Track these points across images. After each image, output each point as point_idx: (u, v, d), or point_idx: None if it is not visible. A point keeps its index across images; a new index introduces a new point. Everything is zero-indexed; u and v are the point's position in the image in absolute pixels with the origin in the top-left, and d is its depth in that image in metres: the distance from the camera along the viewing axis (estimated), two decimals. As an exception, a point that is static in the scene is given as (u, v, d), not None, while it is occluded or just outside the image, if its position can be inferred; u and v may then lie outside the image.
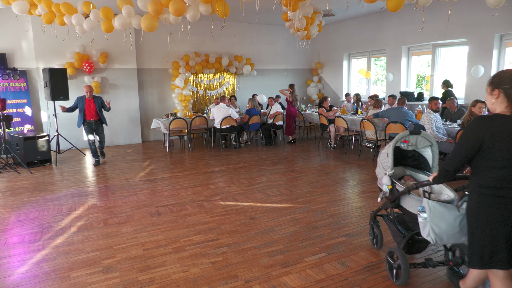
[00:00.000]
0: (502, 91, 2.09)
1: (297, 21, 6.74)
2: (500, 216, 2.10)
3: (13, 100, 8.32)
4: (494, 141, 2.06)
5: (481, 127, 2.10)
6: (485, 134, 2.07)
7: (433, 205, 2.54)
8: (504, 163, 2.05)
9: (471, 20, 7.71)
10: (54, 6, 6.11)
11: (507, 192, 2.07)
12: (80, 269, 3.24)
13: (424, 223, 2.57)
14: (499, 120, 2.08)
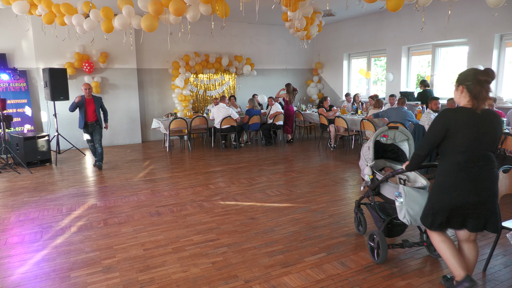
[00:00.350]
0: (465, 87, 2.44)
1: (297, 21, 6.74)
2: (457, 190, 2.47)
3: (13, 100, 8.32)
4: (457, 130, 2.42)
5: (446, 117, 2.46)
6: (450, 124, 2.43)
7: (408, 191, 2.93)
8: (464, 148, 2.43)
9: (471, 20, 7.71)
10: (54, 6, 6.11)
11: (466, 173, 2.45)
12: (80, 269, 3.24)
13: (400, 207, 2.94)
14: (462, 112, 2.44)
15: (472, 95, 2.41)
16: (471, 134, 2.40)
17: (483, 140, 2.42)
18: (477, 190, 2.44)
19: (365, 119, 7.36)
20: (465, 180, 2.45)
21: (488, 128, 2.43)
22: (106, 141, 9.58)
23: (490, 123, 2.44)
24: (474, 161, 2.44)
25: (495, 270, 3.10)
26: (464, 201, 2.46)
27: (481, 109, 2.42)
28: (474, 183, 2.44)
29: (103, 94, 9.39)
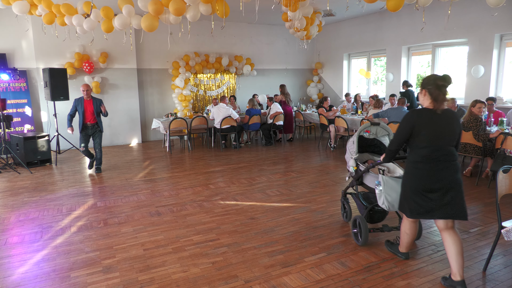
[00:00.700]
0: (427, 90, 2.80)
1: (297, 21, 6.74)
2: (422, 181, 2.83)
3: (13, 100, 8.32)
4: (420, 128, 2.80)
5: (412, 118, 2.84)
6: (415, 123, 2.81)
7: (386, 179, 3.27)
8: (428, 143, 2.79)
9: (471, 20, 7.71)
10: (54, 6, 6.11)
11: (429, 164, 2.81)
12: (80, 269, 3.24)
13: (380, 194, 3.28)
14: (425, 112, 2.82)
15: (433, 98, 2.79)
16: (433, 131, 2.78)
17: (443, 136, 2.79)
18: (440, 179, 2.79)
19: (365, 119, 7.36)
20: (430, 170, 2.81)
21: (447, 126, 2.80)
22: (106, 141, 9.59)
23: (449, 121, 2.81)
24: (437, 154, 2.80)
25: (495, 270, 3.10)
26: (429, 188, 2.81)
27: (440, 110, 2.80)
28: (437, 173, 2.80)
29: (103, 94, 9.39)
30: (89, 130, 6.57)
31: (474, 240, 3.68)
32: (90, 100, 6.50)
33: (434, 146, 2.80)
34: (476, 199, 4.92)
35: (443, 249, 3.50)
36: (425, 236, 3.78)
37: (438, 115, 2.80)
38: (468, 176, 6.02)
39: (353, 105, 9.78)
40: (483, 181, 5.71)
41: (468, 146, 5.73)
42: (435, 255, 3.38)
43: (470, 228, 3.97)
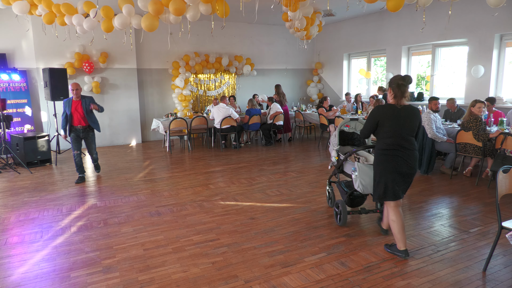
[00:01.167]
0: (391, 88, 3.25)
1: (297, 21, 6.74)
2: (390, 166, 3.24)
3: (13, 100, 8.32)
4: (384, 121, 3.24)
5: (378, 112, 3.29)
6: (380, 117, 3.27)
7: (361, 166, 3.73)
8: (392, 134, 3.23)
9: (471, 20, 7.71)
10: (54, 6, 6.10)
11: (394, 151, 3.23)
12: (80, 269, 3.24)
13: (355, 179, 3.75)
14: (389, 107, 3.26)
15: (394, 95, 3.23)
16: (395, 124, 3.23)
17: (403, 128, 3.23)
18: (401, 165, 3.24)
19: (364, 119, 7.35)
20: (393, 156, 3.25)
21: (407, 119, 3.23)
22: (106, 141, 9.60)
23: (408, 115, 3.24)
24: (399, 143, 3.24)
25: (495, 270, 3.10)
26: (395, 173, 3.25)
27: (401, 105, 3.24)
28: (399, 159, 3.24)
29: (103, 94, 9.39)
30: (80, 133, 5.99)
31: (474, 240, 3.68)
32: (79, 101, 5.90)
33: (396, 136, 3.24)
34: (476, 199, 4.92)
35: (443, 249, 3.50)
36: (425, 236, 3.79)
37: (399, 109, 3.23)
38: (468, 176, 6.02)
39: (353, 105, 9.78)
40: (483, 181, 5.71)
41: (468, 146, 5.73)
42: (435, 255, 3.38)
43: (470, 228, 3.97)
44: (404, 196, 3.80)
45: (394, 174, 3.24)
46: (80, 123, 5.93)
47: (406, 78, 3.23)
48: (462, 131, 5.71)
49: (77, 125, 5.92)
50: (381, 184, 3.31)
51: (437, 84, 9.02)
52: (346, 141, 4.47)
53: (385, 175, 3.27)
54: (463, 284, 2.92)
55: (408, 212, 4.52)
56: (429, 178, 6.04)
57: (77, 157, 6.03)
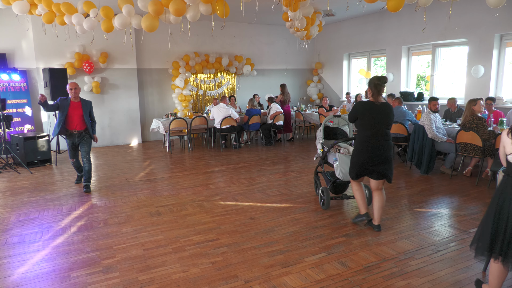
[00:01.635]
0: (370, 88, 3.78)
1: (297, 21, 6.74)
2: (366, 154, 3.79)
3: (13, 100, 8.32)
4: (364, 115, 3.79)
5: (358, 108, 3.84)
6: (359, 112, 3.82)
7: (341, 156, 4.34)
8: (370, 127, 3.76)
9: (471, 20, 7.71)
10: (54, 5, 6.11)
11: (371, 142, 3.75)
12: (80, 269, 3.24)
13: (336, 167, 4.36)
14: (367, 104, 3.79)
15: (372, 93, 3.76)
16: (372, 118, 3.74)
17: (380, 122, 3.74)
18: (377, 154, 3.76)
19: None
20: (371, 147, 3.77)
21: (383, 114, 3.74)
22: (106, 141, 9.60)
23: (385, 111, 3.76)
24: (376, 135, 3.75)
25: (495, 270, 3.10)
26: (370, 159, 3.78)
27: (378, 102, 3.75)
28: (376, 149, 3.76)
29: (103, 94, 9.39)
30: (76, 138, 5.48)
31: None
32: (79, 102, 5.43)
33: (374, 129, 3.75)
34: (476, 199, 4.92)
35: (443, 249, 3.51)
36: (425, 236, 3.79)
37: (376, 106, 3.75)
38: (468, 176, 6.02)
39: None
40: (483, 181, 5.71)
41: (468, 146, 5.72)
42: (435, 255, 3.38)
43: (470, 228, 3.97)
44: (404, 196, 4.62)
45: (368, 161, 3.80)
46: (76, 127, 5.41)
47: (382, 78, 3.75)
48: (462, 131, 5.71)
49: (72, 129, 5.39)
50: (356, 167, 3.91)
51: (437, 84, 9.02)
52: (331, 135, 5.01)
53: (361, 161, 3.84)
54: (463, 284, 2.92)
55: (408, 212, 4.52)
56: (429, 178, 6.04)
57: (74, 163, 5.75)
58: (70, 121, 5.38)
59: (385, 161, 3.78)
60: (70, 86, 5.36)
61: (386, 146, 3.79)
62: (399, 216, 4.36)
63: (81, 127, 5.43)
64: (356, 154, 3.88)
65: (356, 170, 3.89)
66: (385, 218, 4.30)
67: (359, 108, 3.82)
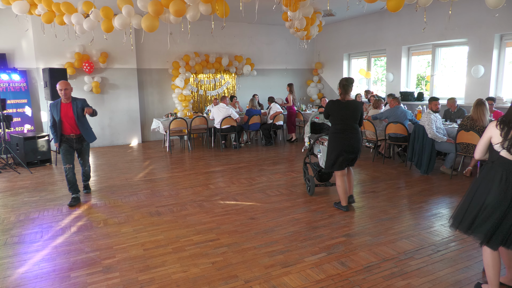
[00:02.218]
0: (339, 87, 4.45)
1: (297, 21, 6.73)
2: (338, 145, 4.39)
3: (13, 100, 8.32)
4: (334, 111, 4.42)
5: (329, 106, 4.46)
6: (330, 109, 4.45)
7: (323, 148, 4.76)
8: (339, 121, 4.39)
9: (471, 20, 7.71)
10: (54, 5, 6.10)
11: (341, 134, 4.37)
12: (80, 269, 3.24)
13: (320, 158, 4.89)
14: (336, 102, 4.43)
15: (341, 93, 4.43)
16: (341, 114, 4.37)
17: (348, 117, 4.38)
18: (347, 145, 4.37)
19: (364, 119, 7.36)
20: (342, 139, 4.38)
21: (350, 110, 4.37)
22: (106, 141, 9.60)
23: (352, 108, 4.38)
24: (345, 129, 4.38)
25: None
26: (341, 150, 4.38)
27: (346, 100, 4.40)
28: (346, 141, 4.37)
29: (103, 94, 9.39)
30: (74, 143, 4.99)
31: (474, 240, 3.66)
32: (69, 103, 4.84)
33: (343, 123, 4.37)
34: (476, 199, 4.92)
35: (443, 249, 3.51)
36: (425, 236, 3.79)
37: (343, 103, 4.39)
38: (468, 176, 6.02)
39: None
40: (483, 181, 5.70)
41: (470, 146, 5.70)
42: (435, 255, 3.38)
43: (470, 228, 3.97)
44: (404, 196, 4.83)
45: (341, 151, 4.37)
46: (73, 131, 4.91)
47: (349, 79, 4.43)
48: (462, 131, 5.71)
49: (69, 134, 4.91)
50: (331, 158, 4.44)
51: (437, 84, 9.02)
52: (317, 130, 5.43)
53: (334, 151, 4.40)
54: (463, 284, 2.92)
55: (408, 212, 4.52)
56: (429, 178, 6.04)
57: (69, 172, 4.97)
58: (65, 126, 4.88)
59: (354, 151, 4.43)
60: (60, 87, 4.70)
61: (355, 139, 4.40)
62: (399, 216, 4.36)
63: (77, 130, 4.93)
64: (329, 145, 4.49)
65: (331, 161, 4.45)
66: (385, 218, 4.30)
67: (329, 106, 4.46)
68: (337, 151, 4.37)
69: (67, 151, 4.99)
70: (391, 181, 5.87)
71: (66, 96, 4.77)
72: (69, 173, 5.00)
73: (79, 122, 4.87)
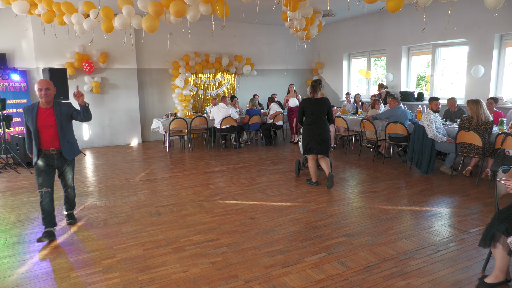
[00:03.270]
0: (309, 87, 5.51)
1: (297, 21, 6.73)
2: (309, 133, 5.42)
3: (13, 100, 8.32)
4: (306, 107, 5.43)
5: (302, 102, 5.49)
6: (304, 105, 5.47)
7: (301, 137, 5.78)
8: (310, 115, 5.42)
9: (471, 20, 7.71)
10: (54, 5, 6.10)
11: (311, 125, 5.40)
12: (80, 269, 3.24)
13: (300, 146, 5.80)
14: (308, 99, 5.48)
15: (310, 92, 5.52)
16: (312, 109, 5.41)
17: (317, 111, 5.41)
18: (316, 134, 5.41)
19: (365, 119, 7.36)
20: (312, 130, 5.42)
21: (318, 105, 5.41)
22: (106, 141, 9.61)
23: (320, 104, 5.41)
24: (315, 121, 5.43)
25: (495, 270, 3.10)
26: (312, 138, 5.43)
27: (315, 98, 5.46)
28: (315, 131, 5.41)
29: (103, 94, 9.39)
30: (54, 161, 3.84)
31: (474, 240, 3.68)
32: (51, 108, 3.73)
33: (313, 116, 5.42)
34: (476, 199, 4.92)
35: (443, 249, 3.51)
36: (425, 236, 3.79)
37: (312, 100, 5.46)
38: (468, 176, 6.02)
39: (353, 105, 9.78)
40: (483, 181, 5.71)
41: (471, 146, 5.70)
42: (435, 255, 3.38)
43: (470, 228, 3.97)
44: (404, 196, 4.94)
45: (311, 139, 5.42)
46: (54, 145, 3.78)
47: (317, 81, 5.55)
48: (463, 131, 5.71)
49: (48, 148, 3.77)
50: (304, 144, 5.53)
51: (437, 84, 9.02)
52: None
53: (307, 139, 5.47)
54: (463, 284, 2.92)
55: (408, 212, 4.52)
56: (429, 178, 6.04)
57: (45, 198, 3.80)
58: (42, 139, 3.75)
59: (323, 140, 5.42)
60: (39, 86, 3.63)
61: (323, 129, 5.43)
62: (399, 216, 4.36)
63: (56, 144, 3.81)
64: (303, 134, 5.57)
65: (304, 147, 5.54)
66: (385, 218, 4.31)
67: (302, 102, 5.51)
68: (308, 139, 5.43)
69: (45, 170, 3.81)
70: (391, 181, 5.87)
71: (47, 98, 3.67)
72: (45, 198, 3.80)
73: (62, 134, 3.78)
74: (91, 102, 9.23)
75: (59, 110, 3.77)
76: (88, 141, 9.41)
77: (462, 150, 5.87)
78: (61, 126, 3.78)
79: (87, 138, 9.40)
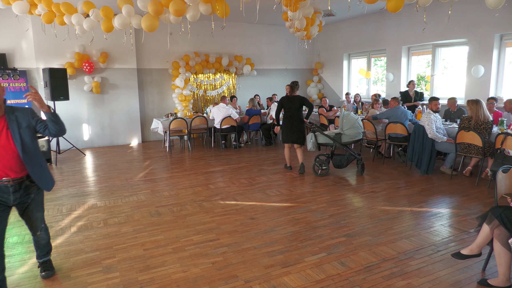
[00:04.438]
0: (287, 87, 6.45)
1: (297, 21, 6.73)
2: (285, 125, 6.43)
3: (13, 100, 8.32)
4: (284, 104, 6.36)
5: (281, 100, 6.39)
6: (283, 102, 6.37)
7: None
8: (287, 110, 6.35)
9: (471, 20, 7.71)
10: (54, 5, 6.11)
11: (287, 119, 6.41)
12: (80, 269, 3.24)
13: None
14: (286, 97, 6.38)
15: (288, 91, 6.33)
16: (288, 105, 6.26)
17: (291, 107, 6.25)
18: (291, 126, 6.28)
19: (365, 119, 7.36)
20: (288, 123, 6.30)
21: (293, 102, 6.25)
22: (106, 141, 9.60)
23: (294, 100, 6.25)
24: (290, 116, 6.26)
25: (495, 270, 3.10)
26: (287, 129, 6.29)
27: (292, 96, 6.27)
28: (289, 123, 6.29)
29: (103, 94, 9.39)
30: (10, 196, 2.68)
31: (474, 239, 3.67)
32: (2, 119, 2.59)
33: (289, 111, 6.27)
34: (476, 199, 4.92)
35: (443, 249, 3.51)
36: (425, 236, 3.79)
37: (289, 98, 6.28)
38: (468, 176, 6.02)
39: (353, 105, 9.77)
40: (483, 181, 5.71)
41: (472, 146, 5.70)
42: (435, 255, 3.38)
43: (470, 228, 3.97)
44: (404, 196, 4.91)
45: (287, 130, 6.32)
46: (9, 173, 2.64)
47: (295, 82, 6.36)
48: (463, 131, 5.71)
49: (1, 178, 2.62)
50: (283, 135, 6.39)
51: (437, 84, 9.01)
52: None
53: (285, 130, 6.34)
54: (463, 284, 2.92)
55: (408, 212, 4.52)
56: (429, 178, 6.04)
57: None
58: None
59: (296, 130, 6.27)
60: None
61: (297, 122, 6.28)
62: (399, 216, 4.36)
63: (18, 172, 2.67)
64: (282, 128, 6.42)
65: (283, 137, 6.44)
66: (385, 218, 4.31)
67: (281, 100, 6.37)
68: (285, 130, 6.33)
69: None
70: (391, 181, 5.87)
71: None
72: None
73: (26, 155, 2.64)
74: (91, 102, 9.25)
75: (15, 122, 2.60)
76: (88, 141, 9.41)
77: (462, 150, 5.87)
78: (22, 145, 2.60)
79: (87, 138, 9.40)
